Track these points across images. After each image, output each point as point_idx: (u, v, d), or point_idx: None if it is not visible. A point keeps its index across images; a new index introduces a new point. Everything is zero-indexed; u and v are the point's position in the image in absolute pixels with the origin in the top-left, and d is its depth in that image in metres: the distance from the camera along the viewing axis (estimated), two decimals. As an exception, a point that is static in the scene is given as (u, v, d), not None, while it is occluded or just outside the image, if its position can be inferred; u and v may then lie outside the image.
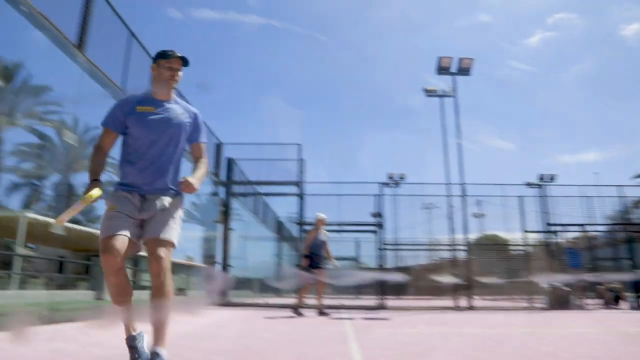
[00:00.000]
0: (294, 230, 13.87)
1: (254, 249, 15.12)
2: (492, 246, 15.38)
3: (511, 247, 14.36)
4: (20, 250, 17.92)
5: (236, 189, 12.63)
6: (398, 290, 16.28)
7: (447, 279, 12.41)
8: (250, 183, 12.66)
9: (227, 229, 12.10)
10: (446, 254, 13.80)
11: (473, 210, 16.34)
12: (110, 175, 21.06)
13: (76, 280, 20.19)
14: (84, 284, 19.00)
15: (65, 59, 6.55)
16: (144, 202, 2.59)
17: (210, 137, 11.34)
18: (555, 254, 12.46)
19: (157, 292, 2.44)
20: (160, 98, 2.72)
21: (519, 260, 13.97)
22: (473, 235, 15.06)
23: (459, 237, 12.50)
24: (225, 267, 12.20)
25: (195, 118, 2.80)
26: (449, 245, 12.75)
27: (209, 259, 12.29)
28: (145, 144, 2.62)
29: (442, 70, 13.45)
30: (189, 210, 32.27)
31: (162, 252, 2.45)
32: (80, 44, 6.49)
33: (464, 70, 13.44)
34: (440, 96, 13.70)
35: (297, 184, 11.94)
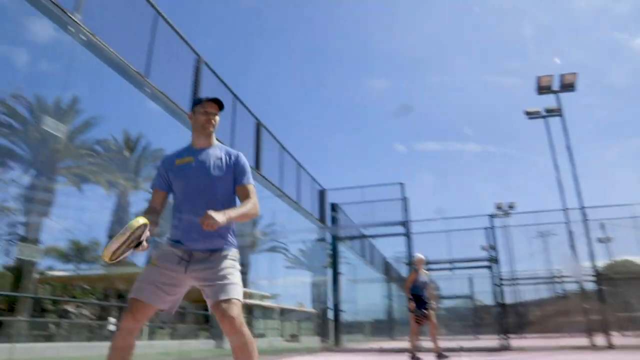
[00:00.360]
0: (403, 270, 13.60)
1: (364, 292, 15.00)
2: (628, 273, 13.80)
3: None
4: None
5: (342, 232, 12.76)
6: (520, 327, 15.12)
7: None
8: (356, 226, 12.75)
9: (336, 273, 12.18)
10: (572, 286, 12.67)
11: (597, 235, 14.96)
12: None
13: (197, 330, 21.32)
14: (204, 334, 20.01)
15: (179, 125, 7.25)
16: (192, 258, 2.48)
17: (314, 185, 11.69)
18: None
19: (241, 352, 2.37)
20: (199, 146, 2.63)
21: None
22: (601, 263, 13.70)
23: (585, 265, 11.43)
24: (337, 311, 12.22)
25: (237, 160, 2.67)
26: (574, 275, 11.69)
27: (320, 304, 12.40)
28: (187, 197, 2.53)
29: (543, 89, 12.76)
30: (297, 257, 33.03)
31: (232, 312, 2.35)
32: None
33: (567, 87, 12.64)
34: (545, 116, 12.95)
35: (403, 223, 11.78)
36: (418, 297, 8.15)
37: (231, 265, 2.51)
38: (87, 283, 27.50)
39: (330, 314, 12.28)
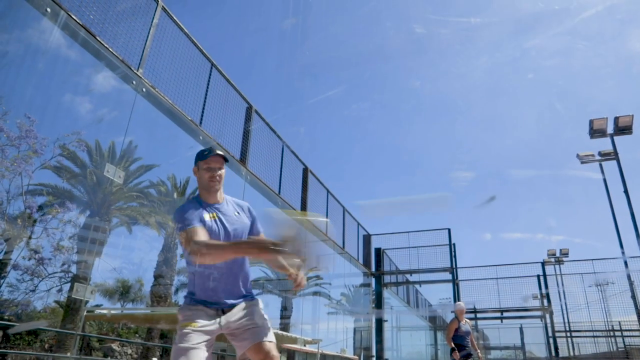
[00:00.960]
0: (449, 317, 13.17)
1: (408, 339, 14.56)
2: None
3: None
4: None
5: (387, 279, 12.58)
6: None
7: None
8: (401, 272, 12.54)
9: (379, 320, 11.94)
10: (634, 340, 11.86)
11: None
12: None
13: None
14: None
15: (230, 172, 7.51)
16: (223, 315, 2.44)
17: (359, 230, 11.67)
18: None
19: None
20: (212, 202, 2.53)
21: None
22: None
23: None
24: (380, 358, 11.89)
25: (250, 211, 2.66)
26: (637, 330, 10.98)
27: (364, 350, 12.12)
28: None
29: (596, 132, 12.42)
30: (340, 302, 32.60)
31: (275, 351, 2.42)
32: (243, 159, 7.39)
33: (623, 130, 12.25)
34: (599, 161, 12.55)
35: (450, 270, 11.51)
36: (461, 347, 7.87)
37: (264, 311, 2.60)
38: (132, 321, 28.00)
39: (374, 362, 11.96)
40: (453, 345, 7.88)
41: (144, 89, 5.84)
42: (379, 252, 12.25)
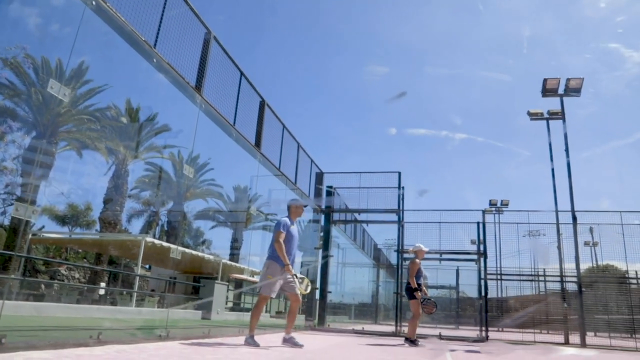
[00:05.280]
0: (393, 257, 13.85)
1: (352, 275, 15.28)
2: (609, 278, 14.11)
3: (631, 280, 13.07)
4: (139, 270, 19.66)
5: (336, 216, 12.96)
6: (500, 321, 15.45)
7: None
8: (349, 211, 12.93)
9: (326, 255, 12.41)
10: (554, 285, 12.95)
11: (586, 239, 15.21)
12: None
13: (186, 300, 21.64)
14: (192, 304, 20.31)
15: (184, 98, 7.37)
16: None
17: (312, 167, 11.84)
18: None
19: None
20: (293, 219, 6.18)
21: (642, 295, 12.66)
22: (586, 266, 13.95)
23: (570, 267, 11.69)
24: (323, 292, 12.48)
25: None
26: (558, 276, 11.97)
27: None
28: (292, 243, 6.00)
29: (549, 92, 12.84)
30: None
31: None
32: (198, 87, 7.25)
33: (572, 91, 12.72)
34: (547, 119, 13.07)
35: (397, 212, 11.97)
36: (420, 286, 8.25)
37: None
38: (80, 246, 27.77)
39: (317, 294, 12.55)
40: (416, 285, 8.22)
41: (93, 2, 5.52)
42: (330, 190, 12.55)
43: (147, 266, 30.13)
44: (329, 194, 12.56)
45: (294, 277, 5.89)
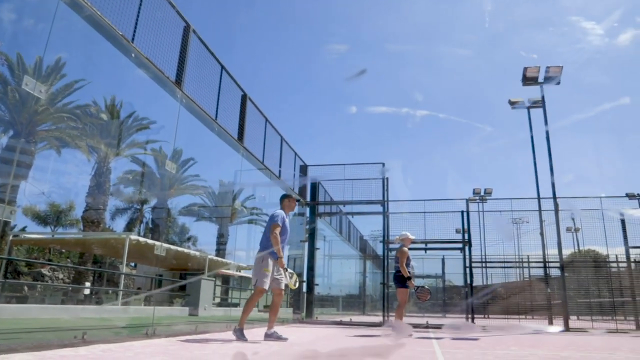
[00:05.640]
0: (379, 248, 13.91)
1: (339, 267, 15.33)
2: (590, 263, 14.39)
3: (611, 264, 13.34)
4: (124, 269, 19.47)
5: (321, 209, 12.96)
6: (486, 308, 15.67)
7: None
8: (334, 203, 12.94)
9: (312, 248, 12.43)
10: (538, 272, 13.16)
11: (568, 225, 15.46)
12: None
13: (172, 297, 21.51)
14: (179, 301, 20.21)
15: (164, 93, 7.27)
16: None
17: (295, 160, 11.80)
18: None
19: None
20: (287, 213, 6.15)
21: (622, 279, 12.94)
22: (568, 251, 14.20)
23: (552, 253, 11.90)
24: (310, 285, 12.50)
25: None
26: (541, 262, 12.17)
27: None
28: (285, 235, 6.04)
29: (529, 80, 12.95)
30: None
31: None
32: (178, 81, 7.15)
33: (552, 79, 12.86)
34: (527, 107, 13.21)
35: (382, 202, 12.02)
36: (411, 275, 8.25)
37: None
38: (62, 246, 27.37)
39: (305, 287, 12.57)
40: (408, 274, 8.20)
41: (67, -5, 5.38)
42: (314, 183, 12.54)
43: (132, 264, 29.85)
44: (313, 186, 12.56)
45: (285, 270, 5.91)
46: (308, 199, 12.53)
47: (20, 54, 20.45)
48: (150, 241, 19.79)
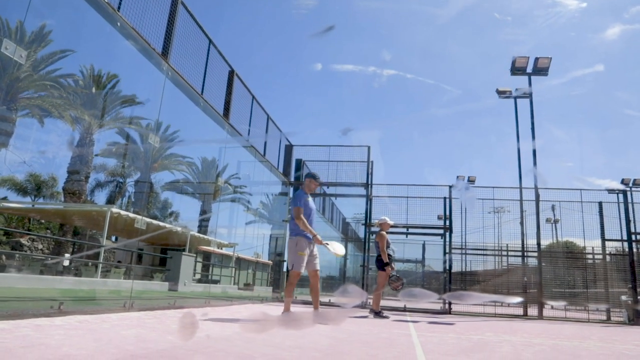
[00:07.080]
0: (361, 231, 13.99)
1: (321, 249, 15.34)
2: (567, 254, 14.68)
3: (587, 256, 13.63)
4: (106, 242, 19.32)
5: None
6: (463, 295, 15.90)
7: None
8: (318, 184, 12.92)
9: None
10: (516, 260, 13.39)
11: (548, 216, 15.71)
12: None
13: (153, 272, 21.49)
14: (159, 276, 20.20)
15: (151, 66, 7.13)
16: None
17: (281, 139, 11.74)
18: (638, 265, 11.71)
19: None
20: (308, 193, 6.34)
21: (596, 270, 13.24)
22: (546, 242, 14.44)
23: (531, 242, 12.11)
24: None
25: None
26: (520, 251, 12.38)
27: (277, 256, 12.70)
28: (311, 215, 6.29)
29: (517, 70, 12.99)
30: (259, 210, 33.28)
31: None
32: (165, 53, 7.02)
33: (540, 70, 12.91)
34: (515, 97, 13.26)
35: (366, 185, 12.05)
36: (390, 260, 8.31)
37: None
38: (42, 216, 27.05)
39: (285, 267, 12.63)
40: (388, 259, 8.25)
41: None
42: (299, 163, 12.50)
43: (113, 238, 29.66)
44: (298, 166, 12.52)
45: (326, 245, 6.20)
46: (292, 179, 12.50)
47: (6, 19, 19.86)
48: (132, 215, 19.65)
